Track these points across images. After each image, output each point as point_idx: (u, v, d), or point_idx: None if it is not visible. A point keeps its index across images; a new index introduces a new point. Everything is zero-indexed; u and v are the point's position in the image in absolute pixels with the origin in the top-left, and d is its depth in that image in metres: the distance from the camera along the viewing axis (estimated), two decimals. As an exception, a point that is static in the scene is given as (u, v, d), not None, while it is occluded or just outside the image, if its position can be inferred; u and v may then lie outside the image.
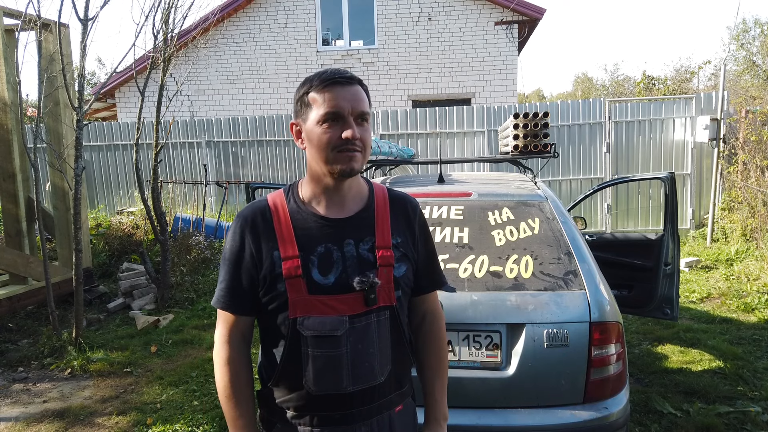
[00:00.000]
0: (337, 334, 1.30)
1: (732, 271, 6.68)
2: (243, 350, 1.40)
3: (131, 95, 12.27)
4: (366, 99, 1.33)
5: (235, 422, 1.37)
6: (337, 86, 1.29)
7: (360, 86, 1.33)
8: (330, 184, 1.35)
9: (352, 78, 1.31)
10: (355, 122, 1.30)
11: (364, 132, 1.31)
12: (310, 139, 1.32)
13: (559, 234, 2.61)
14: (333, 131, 1.28)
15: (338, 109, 1.28)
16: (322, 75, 1.31)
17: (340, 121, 1.28)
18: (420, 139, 9.35)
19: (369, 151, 1.35)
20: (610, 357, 2.33)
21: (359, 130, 1.30)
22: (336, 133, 1.28)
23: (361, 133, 1.30)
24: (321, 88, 1.29)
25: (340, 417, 1.35)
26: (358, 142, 1.29)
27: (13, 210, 5.70)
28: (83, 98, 4.67)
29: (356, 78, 1.33)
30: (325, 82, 1.29)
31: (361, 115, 1.30)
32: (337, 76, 1.29)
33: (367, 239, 1.37)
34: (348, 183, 1.37)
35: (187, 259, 6.76)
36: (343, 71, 1.32)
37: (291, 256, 1.31)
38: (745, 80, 19.69)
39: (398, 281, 1.38)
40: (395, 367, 1.40)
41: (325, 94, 1.28)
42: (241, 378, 1.38)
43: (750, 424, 3.30)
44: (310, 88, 1.31)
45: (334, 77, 1.29)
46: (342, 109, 1.28)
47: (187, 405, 3.77)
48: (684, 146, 8.73)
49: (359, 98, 1.30)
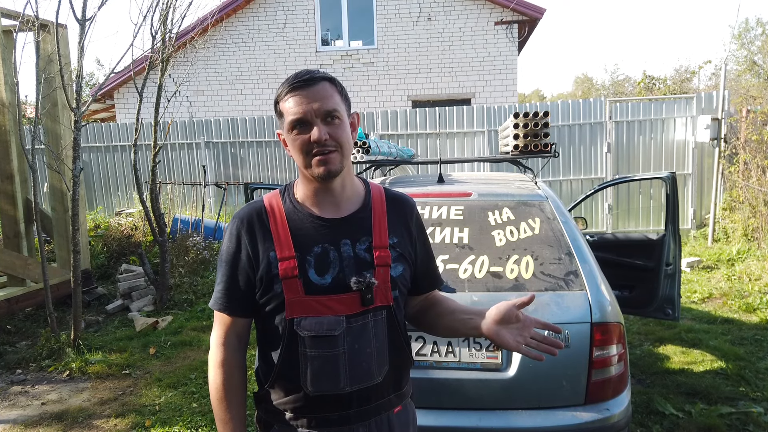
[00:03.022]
0: (335, 334, 1.29)
1: (733, 271, 6.66)
2: (238, 353, 1.40)
3: (130, 96, 12.25)
4: (333, 95, 1.30)
5: (225, 425, 1.35)
6: (297, 91, 1.28)
7: (327, 82, 1.30)
8: (319, 186, 1.35)
9: (312, 78, 1.28)
10: (323, 122, 1.28)
11: (336, 129, 1.29)
12: (290, 147, 1.33)
13: (559, 234, 2.59)
14: (303, 137, 1.28)
15: (300, 115, 1.27)
16: (286, 82, 1.30)
17: (306, 126, 1.27)
18: (420, 139, 9.33)
19: (347, 147, 1.32)
20: (611, 358, 2.31)
21: (328, 129, 1.27)
22: (305, 137, 1.28)
23: (332, 131, 1.28)
24: (285, 96, 1.30)
25: (338, 418, 1.34)
26: (330, 141, 1.27)
27: (11, 211, 5.68)
28: (81, 99, 4.66)
29: (319, 76, 1.30)
30: (287, 90, 1.29)
31: (328, 113, 1.28)
32: (296, 81, 1.28)
33: (363, 239, 1.36)
34: (339, 183, 1.35)
35: (185, 260, 6.74)
36: (303, 73, 1.29)
37: (287, 256, 1.31)
38: (746, 80, 19.68)
39: (395, 281, 1.38)
40: (393, 367, 1.39)
41: (289, 102, 1.28)
42: (234, 380, 1.37)
43: (752, 424, 3.28)
44: (278, 98, 1.32)
45: (293, 83, 1.28)
46: (304, 114, 1.27)
47: (185, 407, 3.75)
48: (685, 146, 8.71)
49: (323, 96, 1.27)
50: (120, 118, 12.35)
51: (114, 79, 11.33)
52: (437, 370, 2.41)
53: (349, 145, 1.34)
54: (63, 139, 5.88)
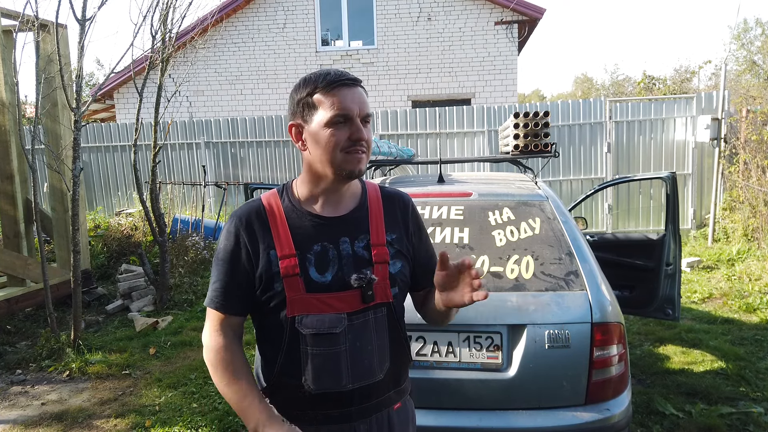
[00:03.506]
0: (336, 331, 1.30)
1: (733, 271, 6.66)
2: (236, 339, 1.39)
3: (129, 96, 12.25)
4: (367, 100, 1.36)
5: (241, 404, 1.30)
6: (344, 88, 1.30)
7: (361, 88, 1.35)
8: (331, 185, 1.36)
9: (356, 80, 1.33)
10: (362, 123, 1.32)
11: (369, 133, 1.35)
12: (317, 141, 1.31)
13: (560, 234, 2.59)
14: (341, 133, 1.29)
15: (348, 111, 1.29)
16: (328, 76, 1.30)
17: (347, 123, 1.30)
18: (420, 139, 9.33)
19: (371, 151, 1.38)
20: (611, 358, 2.31)
21: (365, 131, 1.32)
22: (344, 134, 1.29)
23: (367, 134, 1.33)
24: (328, 90, 1.29)
25: (340, 415, 1.35)
26: (365, 143, 1.32)
27: (11, 211, 5.68)
28: (81, 99, 4.65)
29: (359, 80, 1.36)
30: (332, 84, 1.29)
31: (368, 116, 1.33)
32: (344, 78, 1.30)
33: (362, 237, 1.38)
34: (348, 183, 1.38)
35: (185, 260, 6.73)
36: (346, 73, 1.33)
37: (288, 254, 1.32)
38: (746, 80, 19.68)
39: (394, 278, 1.39)
40: (394, 364, 1.40)
41: (334, 97, 1.29)
42: (238, 360, 1.35)
43: (752, 425, 3.27)
44: (315, 90, 1.31)
45: (340, 79, 1.30)
46: (351, 111, 1.29)
47: (186, 407, 3.75)
48: (685, 146, 8.71)
49: (364, 100, 1.33)
50: (120, 118, 12.34)
51: (114, 79, 11.33)
52: (437, 370, 2.41)
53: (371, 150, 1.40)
54: (63, 139, 5.88)
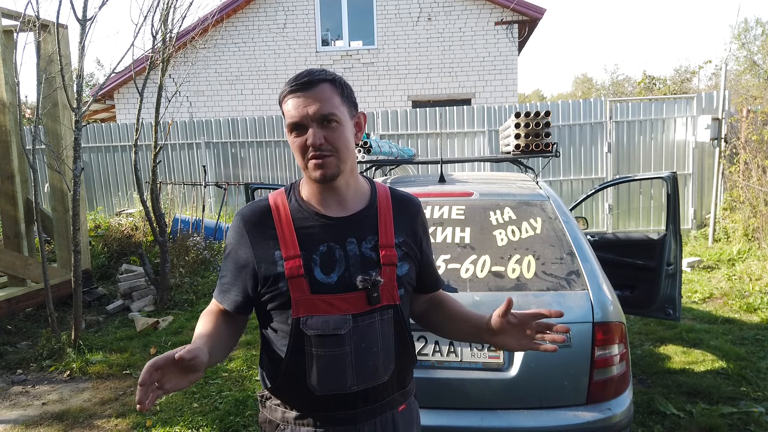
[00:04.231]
0: (341, 332, 1.29)
1: (734, 271, 6.66)
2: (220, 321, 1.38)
3: (130, 96, 12.25)
4: (332, 98, 1.27)
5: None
6: (294, 94, 1.27)
7: (328, 84, 1.28)
8: (322, 186, 1.35)
9: (310, 82, 1.26)
10: (319, 125, 1.26)
11: (332, 133, 1.27)
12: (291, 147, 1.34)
13: (561, 234, 2.58)
14: (299, 139, 1.28)
15: (296, 119, 1.26)
16: (286, 83, 1.30)
17: (302, 129, 1.27)
18: (420, 140, 9.33)
19: (344, 150, 1.30)
20: (613, 357, 2.31)
21: (324, 133, 1.26)
22: (302, 140, 1.28)
23: (328, 135, 1.26)
24: (284, 99, 1.29)
25: (344, 417, 1.34)
26: (325, 145, 1.26)
27: (11, 211, 5.68)
28: (82, 99, 4.65)
29: (319, 78, 1.27)
30: (286, 92, 1.29)
31: (324, 117, 1.26)
32: (294, 84, 1.27)
33: (369, 238, 1.36)
34: (343, 183, 1.35)
35: (186, 260, 6.73)
36: (303, 75, 1.28)
37: (293, 255, 1.30)
38: (746, 80, 19.67)
39: (401, 280, 1.37)
40: (398, 366, 1.39)
41: (288, 104, 1.28)
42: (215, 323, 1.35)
43: (753, 424, 3.27)
44: (280, 99, 1.32)
45: (291, 86, 1.27)
46: (300, 118, 1.26)
47: (186, 407, 3.75)
48: (685, 146, 8.71)
49: (320, 99, 1.25)
50: (120, 118, 12.35)
51: (114, 79, 11.32)
52: (439, 370, 2.41)
53: (347, 148, 1.31)
54: (63, 139, 5.88)
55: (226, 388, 4.00)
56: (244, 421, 3.51)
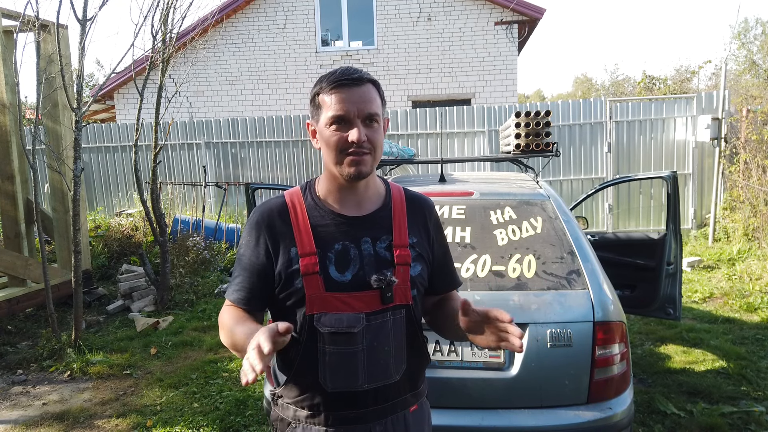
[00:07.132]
0: (354, 331, 1.30)
1: (734, 270, 6.66)
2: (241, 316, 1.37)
3: (130, 96, 12.25)
4: (376, 99, 1.32)
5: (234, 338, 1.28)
6: (343, 88, 1.28)
7: (371, 85, 1.32)
8: (344, 184, 1.36)
9: (360, 78, 1.29)
10: (363, 124, 1.29)
11: (374, 133, 1.30)
12: (323, 141, 1.33)
13: (561, 233, 2.59)
14: (340, 134, 1.29)
15: (343, 112, 1.27)
16: (331, 76, 1.30)
17: (346, 124, 1.28)
18: (420, 140, 9.33)
19: (380, 151, 1.34)
20: (613, 357, 2.31)
21: (367, 132, 1.29)
22: (343, 135, 1.28)
23: (369, 134, 1.29)
24: (329, 90, 1.29)
25: (355, 416, 1.34)
26: (366, 144, 1.29)
27: (11, 212, 5.67)
28: (82, 99, 4.65)
29: (366, 77, 1.31)
30: (332, 84, 1.29)
31: (369, 116, 1.29)
32: (344, 78, 1.28)
33: (384, 238, 1.37)
34: (363, 183, 1.37)
35: (186, 260, 6.73)
36: (352, 71, 1.30)
37: (309, 252, 1.32)
38: (746, 80, 19.66)
39: (414, 280, 1.39)
40: (410, 366, 1.40)
41: (333, 97, 1.28)
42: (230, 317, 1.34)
43: (754, 424, 3.28)
44: (320, 90, 1.32)
45: (340, 79, 1.29)
46: (347, 113, 1.27)
47: (187, 407, 3.75)
48: (685, 146, 8.71)
49: (366, 99, 1.29)
50: (120, 118, 12.34)
51: (114, 79, 11.32)
52: (440, 369, 2.41)
53: (381, 149, 1.36)
54: (64, 139, 5.88)
55: (226, 388, 4.00)
56: (245, 421, 3.51)
